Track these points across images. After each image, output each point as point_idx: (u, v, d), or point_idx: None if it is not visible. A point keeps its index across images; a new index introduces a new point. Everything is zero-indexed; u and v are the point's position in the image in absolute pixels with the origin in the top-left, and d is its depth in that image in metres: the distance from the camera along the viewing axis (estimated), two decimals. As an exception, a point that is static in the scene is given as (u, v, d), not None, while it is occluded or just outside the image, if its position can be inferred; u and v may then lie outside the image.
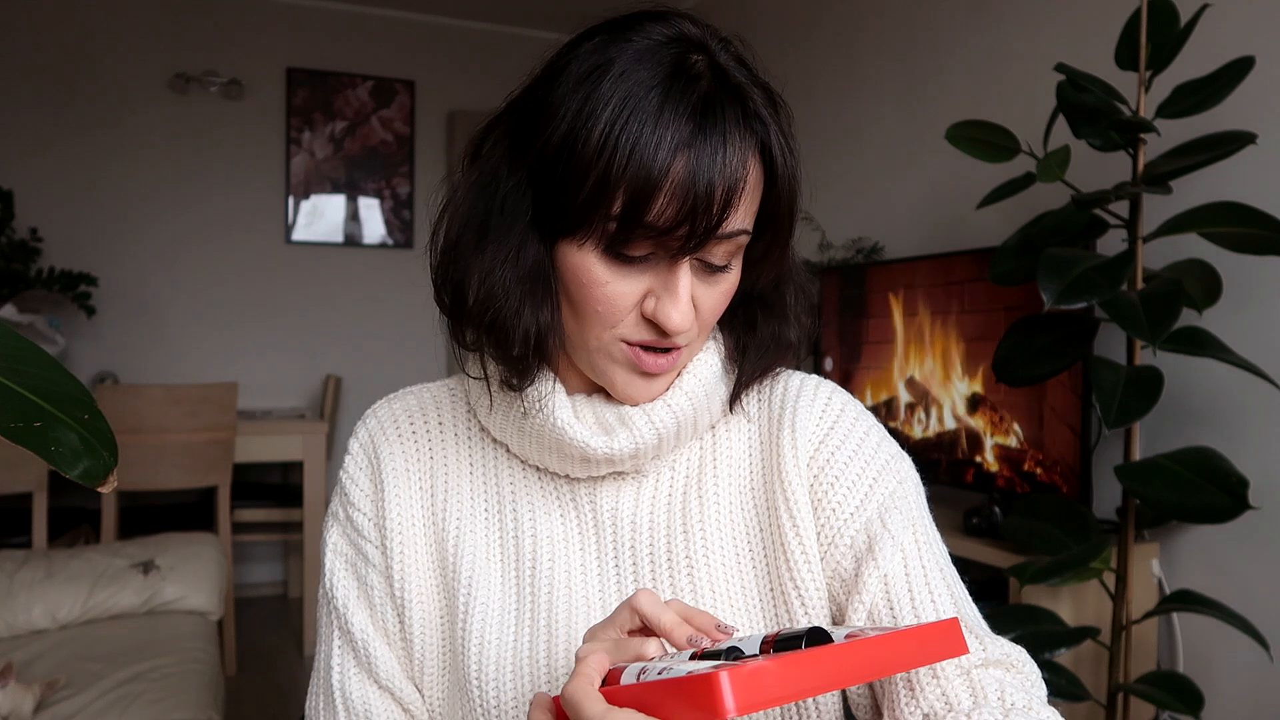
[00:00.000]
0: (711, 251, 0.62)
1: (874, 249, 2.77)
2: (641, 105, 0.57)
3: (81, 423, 0.45)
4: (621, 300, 0.61)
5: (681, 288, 0.61)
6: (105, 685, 1.73)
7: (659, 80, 0.58)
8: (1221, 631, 1.78)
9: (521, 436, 0.69)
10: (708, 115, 0.58)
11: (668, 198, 0.57)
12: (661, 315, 0.61)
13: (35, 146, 3.69)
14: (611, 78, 0.58)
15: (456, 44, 4.35)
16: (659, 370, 0.64)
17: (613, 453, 0.66)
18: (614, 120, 0.57)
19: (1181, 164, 1.55)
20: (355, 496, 0.72)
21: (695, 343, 0.66)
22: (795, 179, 0.64)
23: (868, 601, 0.65)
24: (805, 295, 0.73)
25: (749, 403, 0.74)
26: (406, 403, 0.75)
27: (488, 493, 0.71)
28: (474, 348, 0.68)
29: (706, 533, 0.69)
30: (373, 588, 0.71)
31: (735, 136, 0.59)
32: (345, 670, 0.71)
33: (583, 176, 0.58)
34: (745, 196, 0.60)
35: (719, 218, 0.58)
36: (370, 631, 0.70)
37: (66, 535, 3.00)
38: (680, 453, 0.71)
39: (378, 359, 4.19)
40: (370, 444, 0.73)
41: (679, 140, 0.57)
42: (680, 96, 0.57)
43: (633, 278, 0.61)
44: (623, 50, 0.59)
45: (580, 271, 0.61)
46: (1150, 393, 1.51)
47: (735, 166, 0.58)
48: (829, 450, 0.70)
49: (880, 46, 2.83)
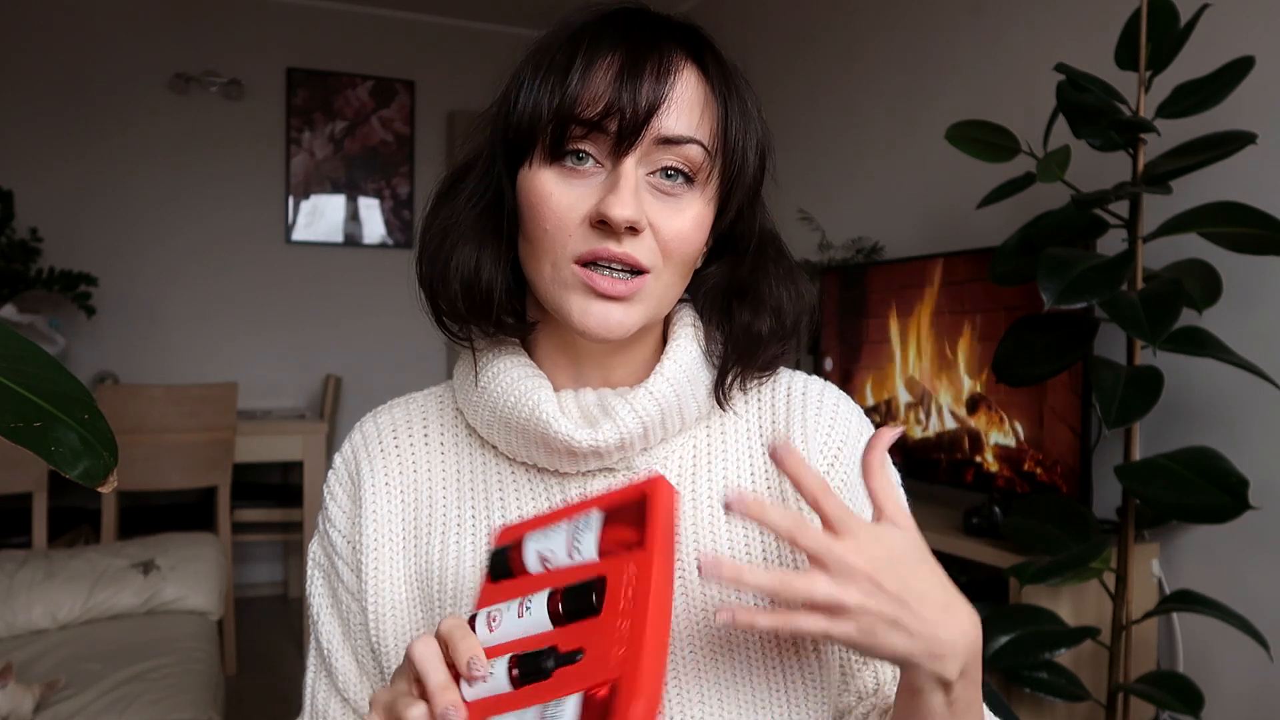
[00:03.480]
0: (659, 158, 0.62)
1: (874, 249, 2.77)
2: (576, 35, 0.62)
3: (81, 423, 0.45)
4: (568, 211, 0.61)
5: (624, 180, 0.60)
6: (105, 685, 1.73)
7: (594, 18, 0.63)
8: (1221, 631, 1.78)
9: (509, 433, 0.68)
10: (636, 31, 0.62)
11: (597, 96, 0.60)
12: (604, 207, 0.60)
13: (35, 147, 3.69)
14: (555, 30, 0.64)
15: (456, 44, 4.35)
16: (615, 292, 0.61)
17: (598, 444, 0.65)
18: (548, 53, 0.63)
19: (1181, 164, 1.55)
20: (334, 513, 0.74)
21: (662, 276, 0.64)
22: (746, 123, 0.65)
23: None
24: (793, 288, 0.71)
25: (745, 402, 0.73)
26: (393, 415, 0.75)
27: (475, 499, 0.70)
28: (462, 335, 0.70)
29: (700, 532, 0.67)
30: (342, 601, 0.72)
31: (665, 48, 0.62)
32: (317, 675, 0.73)
33: (524, 102, 0.62)
34: (684, 102, 0.62)
35: (650, 103, 0.60)
36: (336, 641, 0.72)
37: (66, 535, 3.00)
38: (671, 449, 0.70)
39: (378, 359, 4.19)
40: (352, 459, 0.74)
41: (605, 50, 0.61)
42: (611, 23, 0.63)
43: (579, 188, 0.62)
44: (575, 14, 0.65)
45: (530, 192, 0.63)
46: (1150, 393, 1.51)
47: (665, 68, 0.61)
48: (841, 474, 0.70)
49: (880, 47, 2.83)
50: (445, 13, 4.27)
